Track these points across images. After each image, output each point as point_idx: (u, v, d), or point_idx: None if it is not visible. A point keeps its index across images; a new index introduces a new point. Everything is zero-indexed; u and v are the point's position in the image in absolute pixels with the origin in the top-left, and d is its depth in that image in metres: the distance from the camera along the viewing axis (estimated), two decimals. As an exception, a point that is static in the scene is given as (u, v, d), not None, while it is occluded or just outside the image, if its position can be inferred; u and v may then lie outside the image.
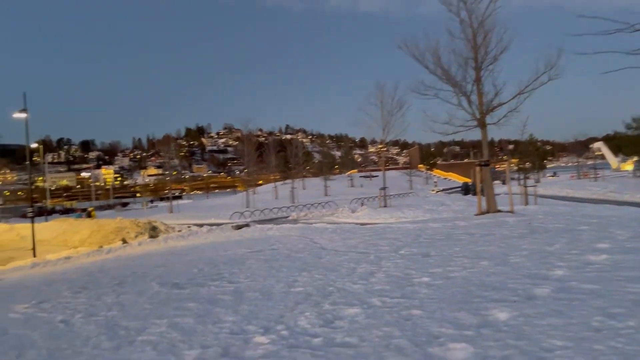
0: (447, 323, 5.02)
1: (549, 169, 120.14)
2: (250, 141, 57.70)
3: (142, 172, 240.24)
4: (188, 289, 8.26)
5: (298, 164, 66.58)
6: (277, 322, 5.67)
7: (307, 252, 12.03)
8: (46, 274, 14.14)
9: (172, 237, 23.88)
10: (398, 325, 5.11)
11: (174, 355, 4.78)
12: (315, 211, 37.20)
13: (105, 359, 4.87)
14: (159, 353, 4.89)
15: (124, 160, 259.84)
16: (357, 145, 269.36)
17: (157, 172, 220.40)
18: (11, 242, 32.55)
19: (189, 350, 4.90)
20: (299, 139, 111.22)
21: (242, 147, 59.10)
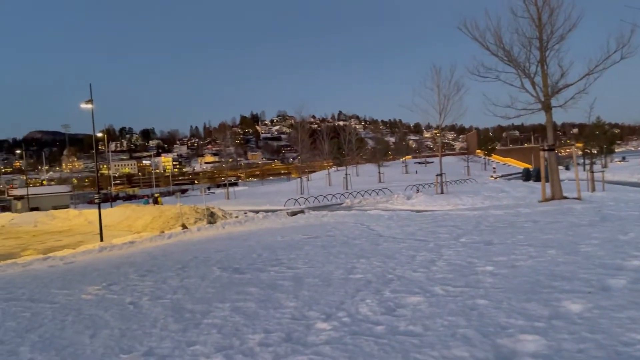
0: (515, 314, 4.82)
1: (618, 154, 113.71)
2: (304, 128, 57.80)
3: (200, 160, 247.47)
4: (248, 274, 8.40)
5: (351, 150, 66.23)
6: (338, 309, 5.65)
7: (364, 239, 11.96)
8: (113, 258, 14.80)
9: (230, 223, 24.40)
10: (463, 315, 4.96)
11: (238, 339, 4.86)
12: (369, 198, 36.96)
13: (173, 340, 5.01)
14: (224, 336, 4.98)
15: (182, 148, 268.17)
16: (412, 130, 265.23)
17: (213, 159, 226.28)
18: (80, 226, 34.45)
19: (252, 334, 4.96)
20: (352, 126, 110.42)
21: (296, 134, 59.32)
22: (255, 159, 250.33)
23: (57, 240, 25.94)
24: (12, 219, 43.72)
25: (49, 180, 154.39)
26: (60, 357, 4.81)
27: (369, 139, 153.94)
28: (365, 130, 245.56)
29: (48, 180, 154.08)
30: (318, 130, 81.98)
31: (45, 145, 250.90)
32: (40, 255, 19.37)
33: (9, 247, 24.63)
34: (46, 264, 15.85)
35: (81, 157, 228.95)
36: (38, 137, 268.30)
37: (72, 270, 12.17)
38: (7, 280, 11.14)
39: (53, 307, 7.16)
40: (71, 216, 39.45)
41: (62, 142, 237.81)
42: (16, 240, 27.82)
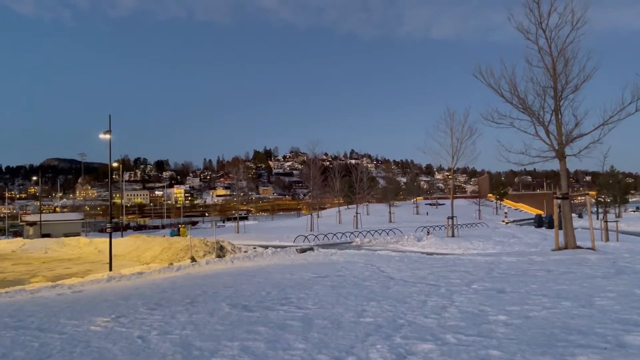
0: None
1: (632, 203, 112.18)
2: (316, 165, 58.14)
3: (211, 193, 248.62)
4: (257, 312, 8.33)
5: (362, 189, 66.23)
6: (348, 353, 5.57)
7: (374, 281, 11.85)
8: (122, 288, 14.76)
9: (239, 258, 24.32)
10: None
11: (247, 380, 4.81)
12: (379, 238, 36.73)
13: (181, 378, 4.96)
14: (232, 377, 4.93)
15: (195, 181, 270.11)
16: (423, 171, 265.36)
17: (225, 192, 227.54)
18: (90, 255, 34.54)
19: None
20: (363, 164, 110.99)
21: (307, 170, 59.61)
22: (267, 194, 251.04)
23: (66, 268, 25.99)
24: (23, 244, 44.01)
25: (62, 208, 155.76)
26: (67, 390, 4.78)
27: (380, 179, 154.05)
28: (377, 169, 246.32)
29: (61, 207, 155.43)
30: (330, 167, 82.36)
31: (61, 173, 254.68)
32: (49, 282, 19.40)
33: (19, 273, 24.72)
34: (55, 291, 15.85)
35: (95, 186, 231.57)
36: (54, 165, 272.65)
37: (81, 299, 12.15)
38: (16, 307, 11.15)
39: (62, 338, 7.13)
40: (82, 244, 39.60)
41: (78, 170, 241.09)
42: (26, 266, 27.93)
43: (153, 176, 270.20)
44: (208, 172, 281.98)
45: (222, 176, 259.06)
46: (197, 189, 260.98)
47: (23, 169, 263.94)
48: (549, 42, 18.43)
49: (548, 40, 18.44)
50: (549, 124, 18.70)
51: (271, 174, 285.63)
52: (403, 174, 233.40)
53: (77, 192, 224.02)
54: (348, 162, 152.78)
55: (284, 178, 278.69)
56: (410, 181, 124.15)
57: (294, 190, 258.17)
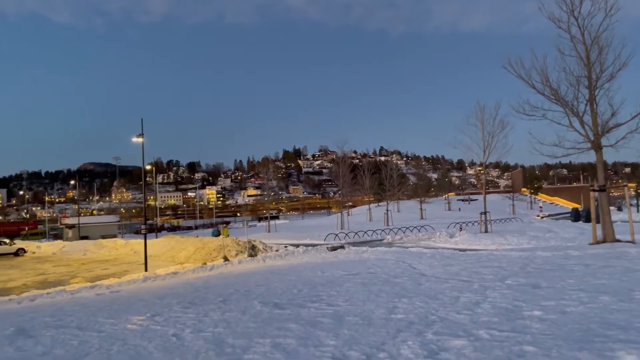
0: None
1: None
2: (345, 163, 58.04)
3: (243, 193, 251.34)
4: (289, 310, 8.39)
5: (392, 186, 65.79)
6: (379, 350, 5.55)
7: (405, 278, 11.77)
8: (157, 288, 15.09)
9: (270, 257, 24.54)
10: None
11: (278, 376, 4.85)
12: (410, 235, 36.42)
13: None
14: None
15: (226, 181, 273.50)
16: (455, 167, 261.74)
17: (256, 192, 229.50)
18: (126, 256, 35.42)
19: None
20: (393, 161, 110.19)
21: (337, 168, 59.59)
22: (297, 193, 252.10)
23: (104, 269, 26.72)
24: (63, 246, 45.43)
25: (98, 210, 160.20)
26: (105, 386, 4.92)
27: (410, 175, 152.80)
28: (407, 166, 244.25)
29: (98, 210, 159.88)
30: (359, 165, 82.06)
31: (97, 177, 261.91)
32: (88, 283, 19.99)
33: (59, 274, 25.54)
34: (93, 292, 16.34)
35: (130, 188, 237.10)
36: (91, 169, 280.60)
37: (118, 299, 12.48)
38: (57, 308, 11.54)
39: (100, 336, 7.34)
40: (118, 245, 40.64)
41: (113, 174, 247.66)
42: (66, 268, 28.84)
43: (185, 178, 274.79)
44: (239, 172, 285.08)
45: (252, 176, 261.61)
46: (228, 190, 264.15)
47: (61, 173, 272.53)
48: (581, 30, 17.91)
49: (581, 29, 17.93)
50: (583, 115, 18.19)
51: (301, 173, 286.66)
52: (434, 169, 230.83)
53: (113, 195, 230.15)
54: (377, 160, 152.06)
55: (313, 177, 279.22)
56: (442, 177, 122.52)
57: (324, 189, 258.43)
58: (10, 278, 24.76)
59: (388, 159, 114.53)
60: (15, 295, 17.24)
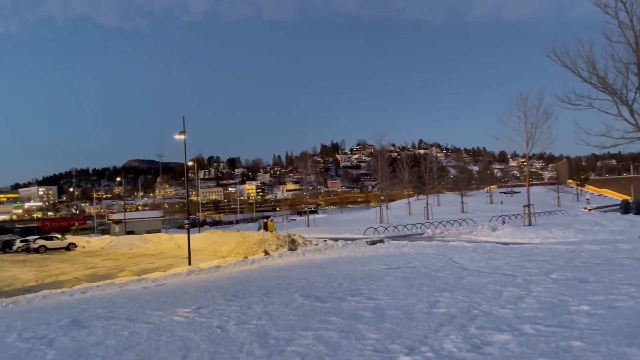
0: (615, 359, 4.50)
1: None
2: (383, 156, 57.60)
3: (281, 187, 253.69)
4: (330, 303, 8.47)
5: (432, 179, 64.87)
6: (422, 343, 5.55)
7: (447, 272, 11.66)
8: (201, 281, 15.48)
9: (310, 250, 24.71)
10: (556, 357, 4.71)
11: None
12: (451, 228, 35.89)
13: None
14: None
15: (265, 177, 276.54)
16: (496, 159, 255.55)
17: (294, 187, 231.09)
18: (170, 250, 36.41)
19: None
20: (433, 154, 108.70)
21: (375, 162, 59.21)
22: (335, 187, 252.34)
23: (149, 263, 27.59)
24: (111, 241, 47.16)
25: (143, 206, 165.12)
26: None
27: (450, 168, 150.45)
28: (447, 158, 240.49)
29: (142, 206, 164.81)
30: (398, 158, 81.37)
31: (141, 173, 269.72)
32: (135, 276, 20.70)
33: (108, 267, 26.54)
34: (140, 285, 16.91)
35: (172, 184, 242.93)
36: (135, 166, 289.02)
37: (164, 292, 12.88)
38: (107, 300, 12.03)
39: (148, 327, 7.63)
40: (162, 240, 41.81)
41: (156, 170, 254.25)
42: (114, 262, 29.93)
43: (226, 173, 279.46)
44: (277, 167, 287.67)
45: (291, 171, 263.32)
46: (267, 185, 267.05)
47: (108, 170, 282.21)
48: (630, 15, 17.12)
49: (629, 14, 17.14)
50: (633, 103, 17.41)
51: (339, 167, 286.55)
52: (475, 162, 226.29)
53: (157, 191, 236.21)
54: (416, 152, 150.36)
55: (351, 171, 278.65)
56: (483, 169, 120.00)
57: (362, 183, 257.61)
58: (62, 271, 25.92)
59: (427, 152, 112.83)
60: (67, 288, 18.06)
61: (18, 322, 9.33)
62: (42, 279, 23.21)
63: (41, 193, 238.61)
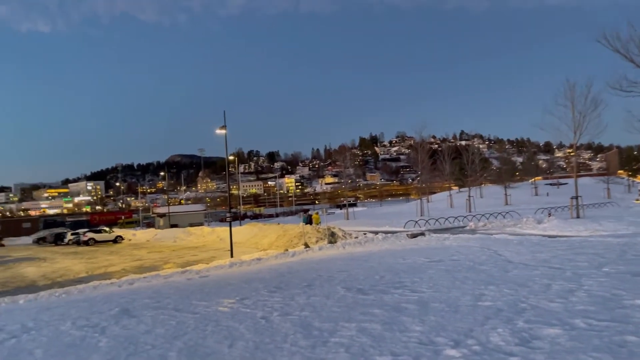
0: (676, 356, 4.30)
1: None
2: (424, 148, 56.79)
3: (320, 181, 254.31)
4: (372, 295, 8.44)
5: (474, 171, 63.55)
6: (467, 336, 5.46)
7: (491, 265, 11.41)
8: (243, 273, 15.72)
9: (350, 243, 24.69)
10: (610, 352, 4.53)
11: (366, 359, 4.91)
12: (494, 221, 35.10)
13: (303, 356, 5.20)
14: (352, 356, 5.06)
15: (304, 170, 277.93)
16: (541, 150, 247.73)
17: (333, 180, 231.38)
18: (213, 243, 37.16)
19: (379, 356, 4.98)
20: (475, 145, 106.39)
21: (415, 154, 58.48)
22: (374, 180, 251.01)
23: (193, 255, 28.24)
24: (156, 234, 48.54)
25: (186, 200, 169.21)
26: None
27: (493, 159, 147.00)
28: (490, 149, 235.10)
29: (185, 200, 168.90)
30: (438, 150, 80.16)
31: (183, 168, 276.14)
32: (179, 268, 21.24)
33: (153, 260, 27.34)
34: (184, 276, 17.34)
35: (214, 178, 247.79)
36: (178, 160, 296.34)
37: (208, 283, 13.16)
38: (154, 290, 12.39)
39: (195, 317, 7.82)
40: (205, 233, 42.71)
41: (198, 165, 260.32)
42: (159, 254, 30.81)
43: (265, 167, 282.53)
44: (316, 161, 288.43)
45: (329, 164, 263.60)
46: (306, 178, 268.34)
47: (152, 165, 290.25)
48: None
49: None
50: (690, 88, 16.53)
51: (378, 159, 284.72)
52: (518, 153, 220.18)
53: (199, 185, 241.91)
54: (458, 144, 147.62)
55: (390, 163, 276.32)
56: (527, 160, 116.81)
57: (402, 175, 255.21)
58: (110, 263, 26.88)
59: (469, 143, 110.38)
60: (116, 279, 18.71)
61: (72, 311, 9.74)
62: (92, 270, 24.14)
63: (89, 188, 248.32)
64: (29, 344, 7.03)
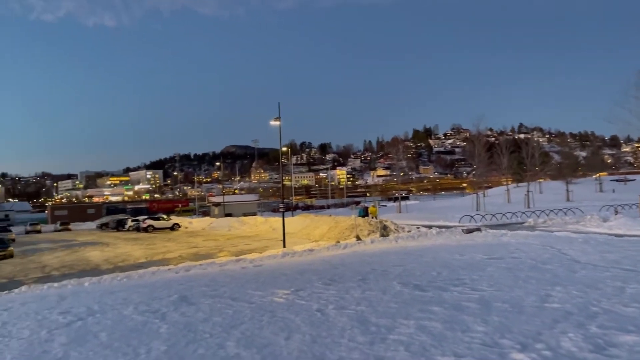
0: None
1: None
2: (480, 141, 55.06)
3: (372, 173, 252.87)
4: (430, 292, 8.20)
5: (534, 165, 61.05)
6: (536, 340, 5.16)
7: (556, 264, 10.85)
8: (296, 264, 15.76)
9: (402, 237, 24.30)
10: (700, 366, 4.13)
11: (427, 359, 4.73)
12: (555, 218, 33.58)
13: (362, 352, 5.08)
14: (412, 355, 4.89)
15: (356, 162, 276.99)
16: (607, 144, 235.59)
17: (385, 173, 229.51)
18: (265, 232, 37.68)
19: (441, 356, 4.79)
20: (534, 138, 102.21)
21: (471, 147, 56.82)
22: (427, 173, 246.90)
23: (246, 244, 28.72)
24: (211, 223, 49.78)
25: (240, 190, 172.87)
26: (261, 355, 5.23)
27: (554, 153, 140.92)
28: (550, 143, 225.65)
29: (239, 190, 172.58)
30: (496, 143, 77.59)
31: (238, 158, 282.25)
32: (233, 257, 21.64)
33: (208, 247, 28.02)
34: (238, 265, 17.61)
35: (267, 169, 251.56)
36: (232, 151, 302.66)
37: (262, 273, 13.27)
38: (210, 278, 12.63)
39: (251, 307, 7.86)
40: (258, 223, 43.38)
41: (252, 156, 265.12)
42: (214, 242, 31.55)
43: (317, 159, 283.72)
44: (368, 153, 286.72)
45: (381, 157, 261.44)
46: (358, 170, 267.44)
47: (207, 155, 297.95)
48: None
49: None
50: None
51: (431, 152, 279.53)
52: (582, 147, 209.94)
53: (252, 176, 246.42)
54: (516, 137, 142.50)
55: (445, 156, 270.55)
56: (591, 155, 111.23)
57: (456, 169, 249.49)
58: (168, 250, 27.78)
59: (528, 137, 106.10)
60: (173, 266, 19.30)
61: (133, 296, 10.07)
62: (151, 256, 25.03)
63: (149, 176, 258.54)
64: (94, 326, 7.30)
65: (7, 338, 7.01)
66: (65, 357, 5.74)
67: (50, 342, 6.52)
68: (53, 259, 26.37)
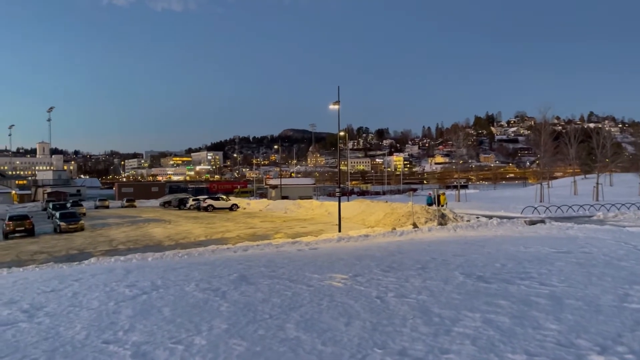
0: None
1: None
2: (546, 130, 52.45)
3: (430, 160, 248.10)
4: (495, 285, 7.84)
5: (604, 156, 57.60)
6: (616, 342, 4.78)
7: (632, 261, 10.14)
8: (352, 249, 15.65)
9: (461, 227, 23.66)
10: None
11: (496, 356, 4.48)
12: (627, 212, 31.62)
13: (425, 344, 4.89)
14: (480, 350, 4.65)
15: (413, 148, 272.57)
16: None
17: (444, 160, 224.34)
18: (321, 216, 37.83)
19: (512, 354, 4.52)
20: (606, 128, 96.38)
21: (537, 136, 54.26)
22: (488, 162, 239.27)
23: (302, 227, 28.94)
24: (268, 204, 50.57)
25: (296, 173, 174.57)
26: (321, 340, 5.14)
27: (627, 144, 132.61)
28: (623, 133, 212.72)
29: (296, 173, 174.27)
30: (563, 132, 73.85)
31: (295, 142, 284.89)
32: (289, 239, 21.86)
33: (265, 229, 28.46)
34: (295, 247, 17.74)
35: (323, 154, 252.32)
36: (290, 135, 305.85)
37: (319, 256, 13.24)
38: (268, 259, 12.75)
39: (309, 290, 7.81)
40: (314, 206, 43.63)
41: (309, 140, 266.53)
42: (271, 224, 32.02)
43: (374, 144, 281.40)
44: (426, 139, 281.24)
45: (440, 143, 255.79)
46: (415, 157, 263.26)
47: (265, 139, 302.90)
48: None
49: None
50: None
51: (493, 140, 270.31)
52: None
53: (308, 160, 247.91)
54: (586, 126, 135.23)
55: (507, 145, 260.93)
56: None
57: (519, 158, 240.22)
58: (227, 229, 28.46)
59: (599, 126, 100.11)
60: (231, 245, 19.75)
61: (194, 273, 10.31)
62: (210, 235, 25.73)
63: (209, 158, 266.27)
64: (158, 301, 7.50)
65: (77, 308, 7.33)
66: (132, 329, 5.90)
67: (117, 314, 6.76)
68: (119, 234, 27.70)
